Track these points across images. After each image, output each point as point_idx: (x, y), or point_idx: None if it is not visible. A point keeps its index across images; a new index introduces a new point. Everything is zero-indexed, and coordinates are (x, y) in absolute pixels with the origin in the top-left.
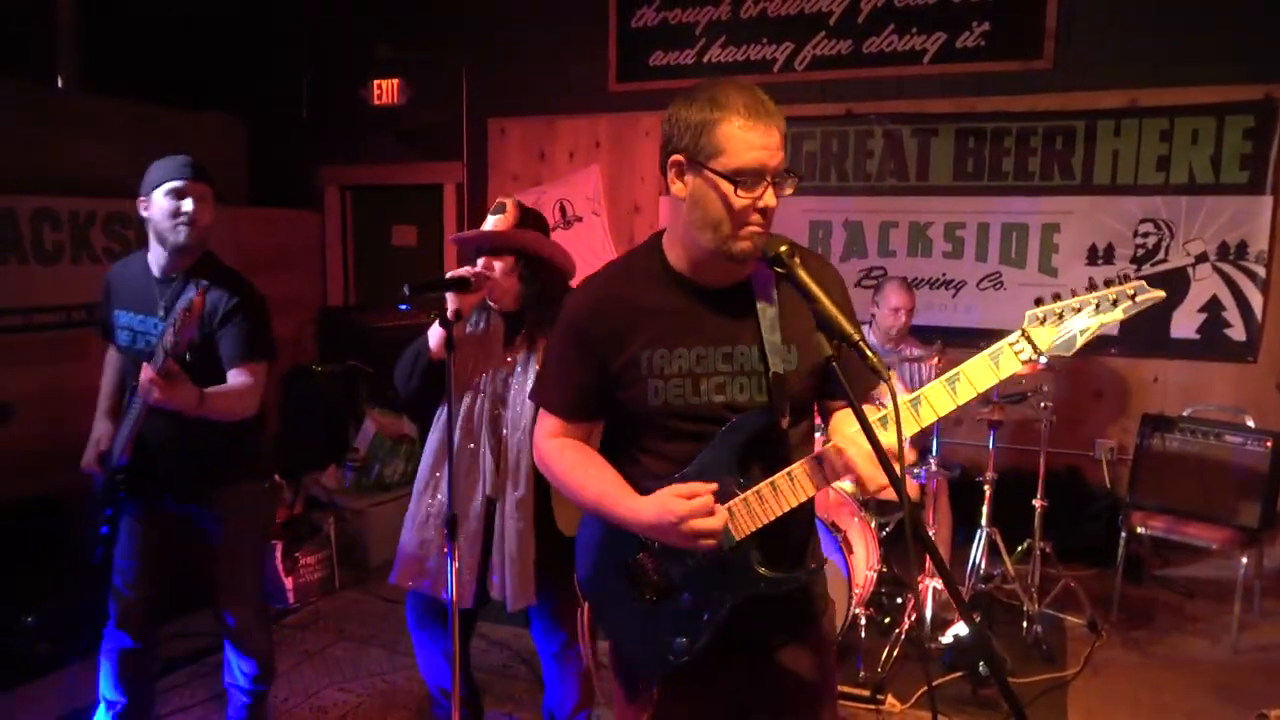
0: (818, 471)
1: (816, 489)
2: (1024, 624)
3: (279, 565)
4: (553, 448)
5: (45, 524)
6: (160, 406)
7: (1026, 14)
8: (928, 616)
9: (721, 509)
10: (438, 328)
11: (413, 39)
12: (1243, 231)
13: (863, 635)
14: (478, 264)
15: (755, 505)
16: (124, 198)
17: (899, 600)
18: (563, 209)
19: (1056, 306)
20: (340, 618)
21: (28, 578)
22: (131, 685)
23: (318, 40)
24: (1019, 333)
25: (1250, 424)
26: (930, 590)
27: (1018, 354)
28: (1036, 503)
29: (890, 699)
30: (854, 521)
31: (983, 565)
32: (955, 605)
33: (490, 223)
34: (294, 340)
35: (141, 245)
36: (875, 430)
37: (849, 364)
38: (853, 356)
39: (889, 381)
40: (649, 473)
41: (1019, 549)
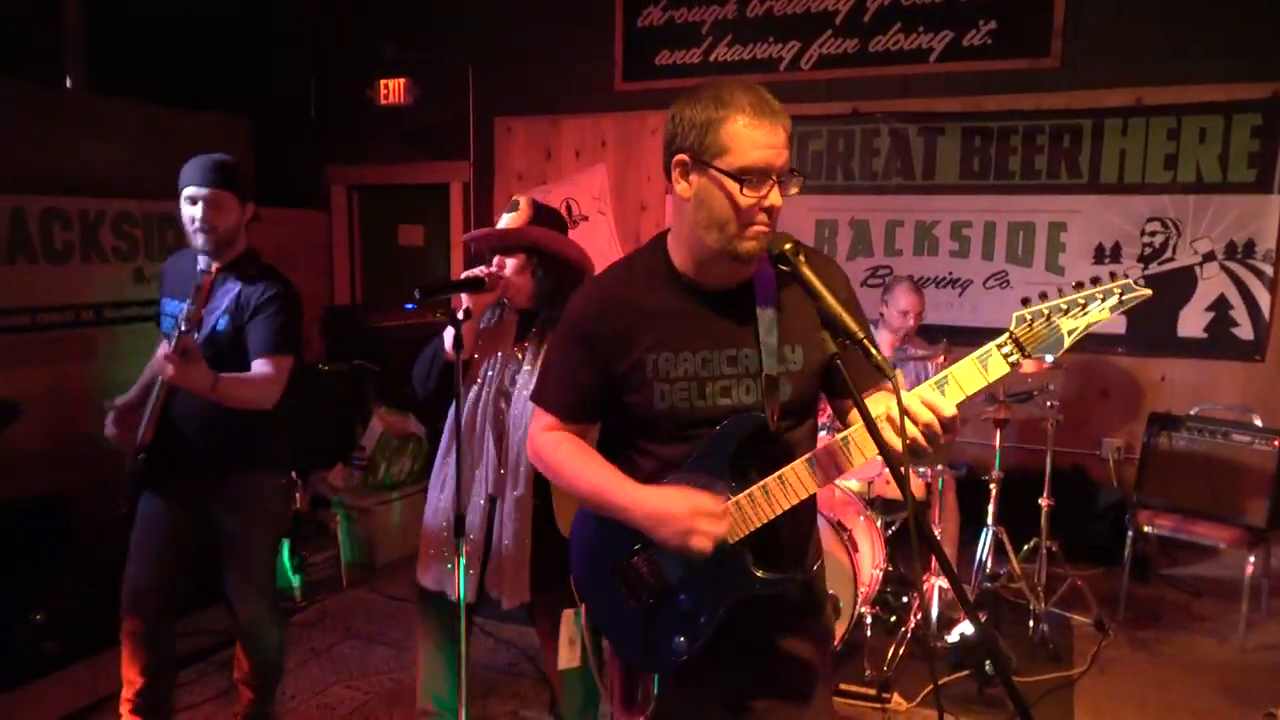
0: (810, 473)
1: (809, 491)
2: (1030, 623)
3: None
4: (548, 440)
5: (51, 522)
6: (175, 385)
7: (1033, 12)
8: (934, 615)
9: (727, 519)
10: (450, 328)
11: (419, 38)
12: (1250, 230)
13: (869, 634)
14: (493, 263)
15: (747, 509)
16: (131, 197)
17: (905, 599)
18: (569, 208)
19: (1044, 307)
20: (347, 616)
21: (34, 576)
22: (146, 669)
23: (324, 40)
24: (1006, 334)
25: (1258, 423)
26: (936, 589)
27: (1005, 357)
28: (1043, 501)
29: (896, 697)
30: (859, 520)
31: (989, 564)
32: (961, 604)
33: (504, 220)
34: (301, 339)
35: (148, 244)
36: (872, 424)
37: (856, 362)
38: (859, 354)
39: (893, 380)
40: (643, 473)
41: (1025, 548)
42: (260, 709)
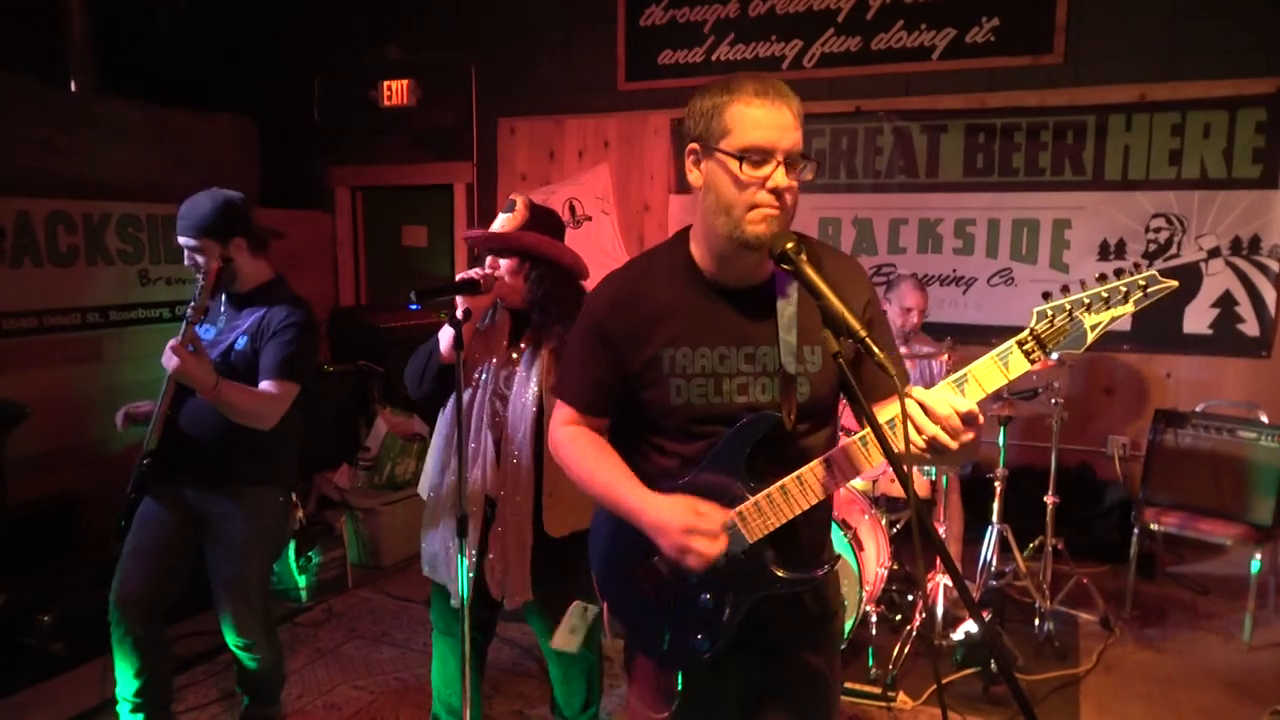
0: (828, 474)
1: (827, 492)
2: (1036, 621)
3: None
4: (566, 435)
5: (59, 524)
6: (179, 377)
7: (1036, 9)
8: (939, 614)
9: (723, 537)
10: (448, 328)
11: (422, 40)
12: (1256, 226)
13: (874, 632)
14: (486, 264)
15: (766, 508)
16: (137, 200)
17: (910, 597)
18: (572, 208)
19: (1065, 302)
20: (353, 616)
21: (42, 577)
22: (139, 676)
23: (328, 42)
24: (1027, 331)
25: (1264, 419)
26: (941, 587)
27: (1027, 354)
28: (1048, 499)
29: (902, 696)
30: (864, 519)
31: (994, 562)
32: (964, 603)
33: (500, 221)
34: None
35: (153, 247)
36: (885, 431)
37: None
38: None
39: (895, 377)
40: (660, 470)
41: (1031, 546)
42: (263, 712)
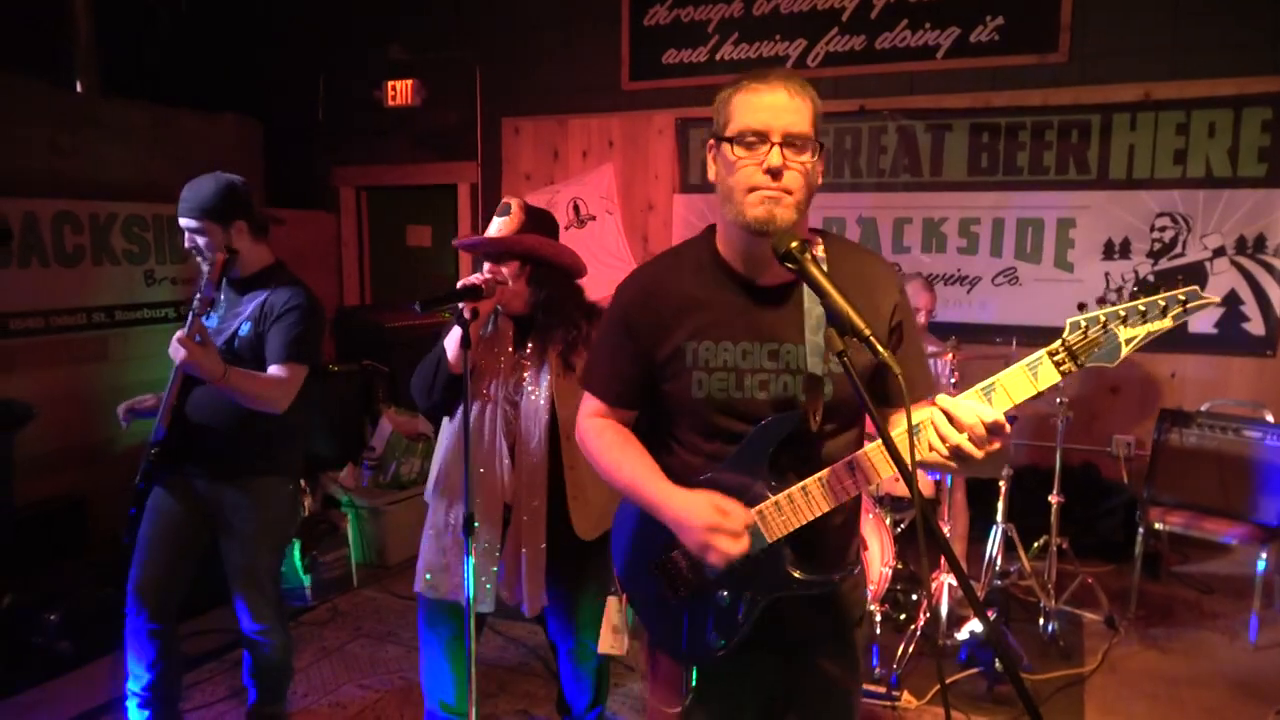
0: (851, 477)
1: (849, 495)
2: (1041, 620)
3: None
4: (593, 426)
5: (66, 523)
6: (187, 370)
7: (1041, 7)
8: (943, 613)
9: (745, 536)
10: (453, 338)
11: (426, 40)
12: (1261, 225)
13: (878, 631)
14: (484, 268)
15: (787, 508)
16: (142, 200)
17: (914, 597)
18: (576, 208)
19: (1100, 314)
20: (358, 615)
21: (49, 576)
22: (153, 669)
23: (332, 42)
24: (1059, 342)
25: (1269, 419)
26: (946, 586)
27: (1057, 365)
28: (1053, 499)
29: (906, 695)
30: (869, 518)
31: (999, 561)
32: (969, 602)
33: (495, 225)
34: (318, 352)
35: (158, 247)
36: (887, 434)
37: (906, 373)
38: (908, 363)
39: (901, 379)
40: (684, 465)
41: (1035, 545)
42: (270, 709)
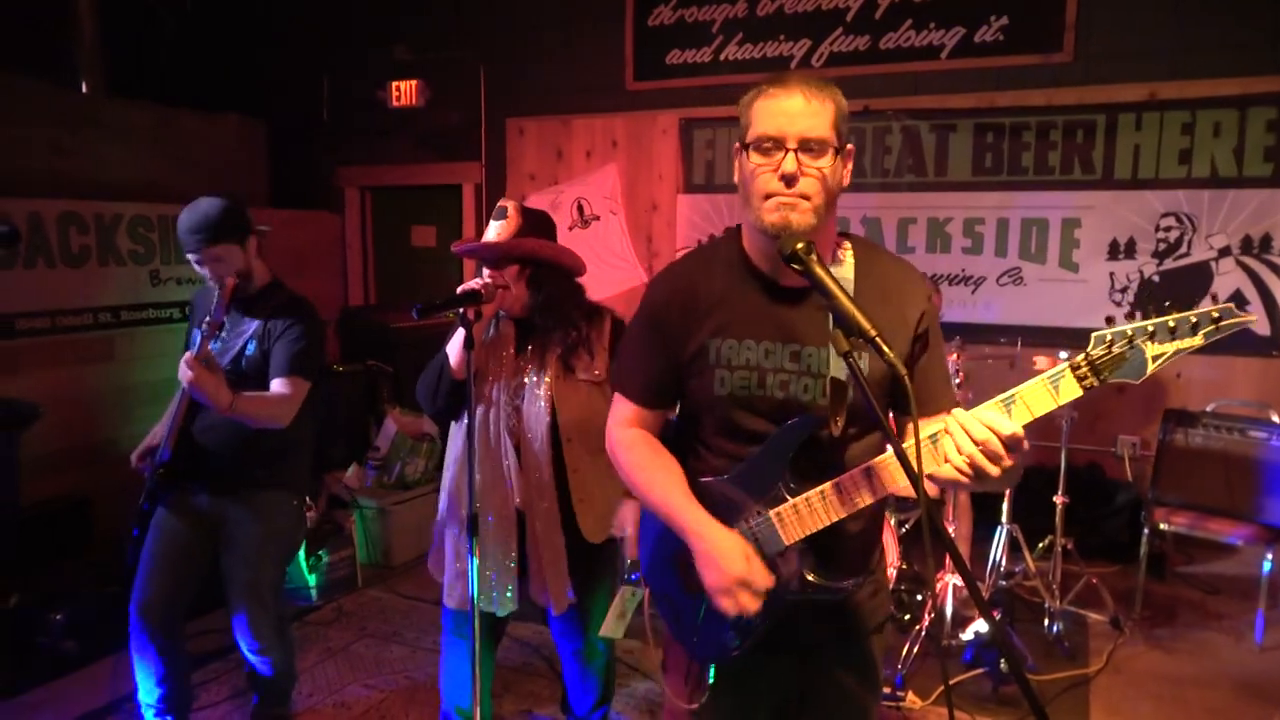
0: (869, 483)
1: (867, 501)
2: (1046, 621)
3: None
4: (624, 439)
5: (72, 523)
6: (194, 393)
7: (1045, 7)
8: (948, 614)
9: (759, 600)
10: (456, 342)
11: (431, 40)
12: (1266, 225)
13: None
14: (484, 273)
15: (804, 512)
16: (147, 201)
17: (919, 597)
18: (580, 208)
19: (1128, 328)
20: (363, 615)
21: (54, 576)
22: (163, 683)
23: (336, 42)
24: (1082, 355)
25: (1275, 419)
26: (950, 587)
27: (1080, 379)
28: (1058, 499)
29: (911, 696)
30: None
31: (1004, 562)
32: (974, 602)
33: (492, 229)
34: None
35: (164, 247)
36: (895, 441)
37: (925, 382)
38: (928, 372)
39: (904, 379)
40: (708, 468)
41: (1040, 546)
42: (274, 711)
